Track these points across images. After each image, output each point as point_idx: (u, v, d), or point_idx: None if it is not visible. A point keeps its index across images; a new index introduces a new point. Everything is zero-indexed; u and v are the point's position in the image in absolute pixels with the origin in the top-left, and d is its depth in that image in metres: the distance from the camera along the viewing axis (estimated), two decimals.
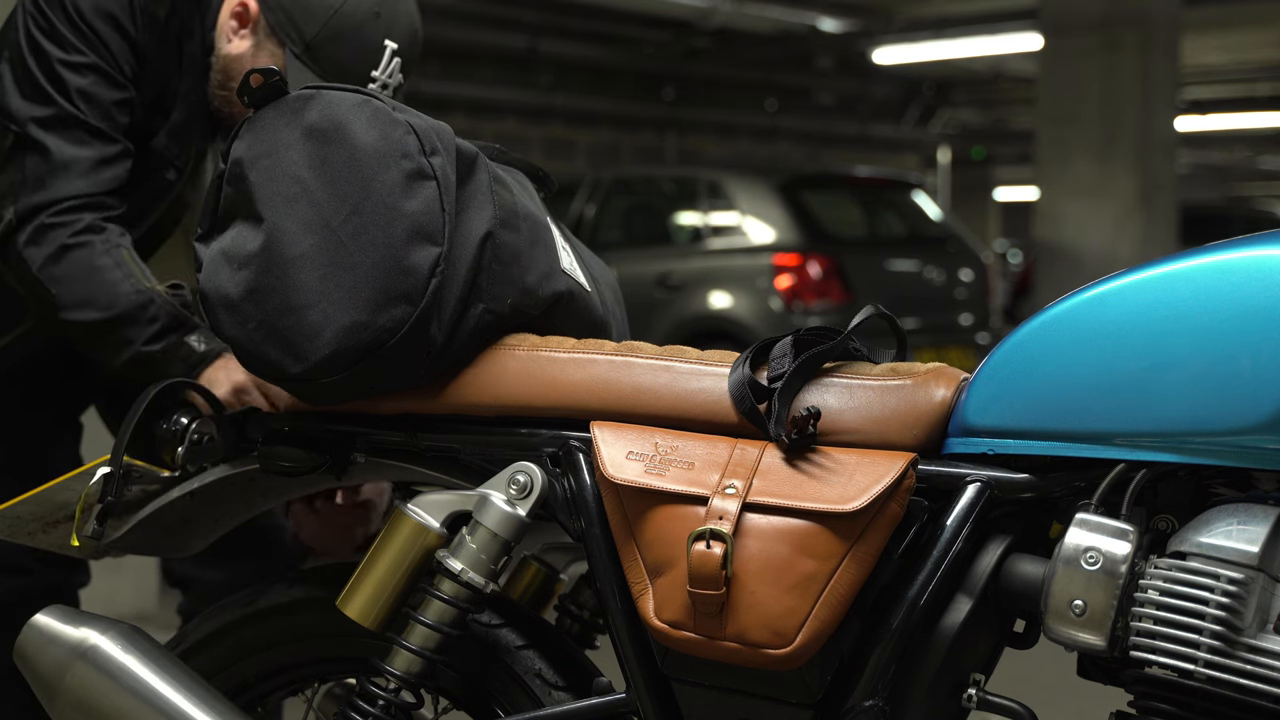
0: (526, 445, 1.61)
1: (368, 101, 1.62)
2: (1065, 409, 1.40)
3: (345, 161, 1.58)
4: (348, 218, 1.56)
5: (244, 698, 1.80)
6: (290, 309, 1.57)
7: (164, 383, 1.84)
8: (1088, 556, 1.34)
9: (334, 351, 1.55)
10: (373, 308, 1.54)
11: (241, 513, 1.89)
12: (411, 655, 1.61)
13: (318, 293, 1.56)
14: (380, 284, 1.54)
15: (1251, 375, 1.31)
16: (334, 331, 1.55)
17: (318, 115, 1.61)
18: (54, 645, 1.67)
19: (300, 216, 1.58)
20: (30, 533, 1.82)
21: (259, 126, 1.64)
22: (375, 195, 1.56)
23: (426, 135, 1.60)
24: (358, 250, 1.55)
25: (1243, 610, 1.29)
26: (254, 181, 1.61)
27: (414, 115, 1.63)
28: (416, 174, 1.57)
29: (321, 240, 1.57)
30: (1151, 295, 1.39)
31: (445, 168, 1.59)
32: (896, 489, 1.41)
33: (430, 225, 1.56)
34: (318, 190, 1.58)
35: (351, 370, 1.56)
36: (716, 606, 1.44)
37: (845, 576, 1.40)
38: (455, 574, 1.59)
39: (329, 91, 1.63)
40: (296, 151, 1.60)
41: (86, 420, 2.43)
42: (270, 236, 1.59)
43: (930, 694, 1.44)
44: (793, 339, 1.54)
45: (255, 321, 1.58)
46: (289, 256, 1.57)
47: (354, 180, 1.57)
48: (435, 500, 1.64)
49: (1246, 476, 1.36)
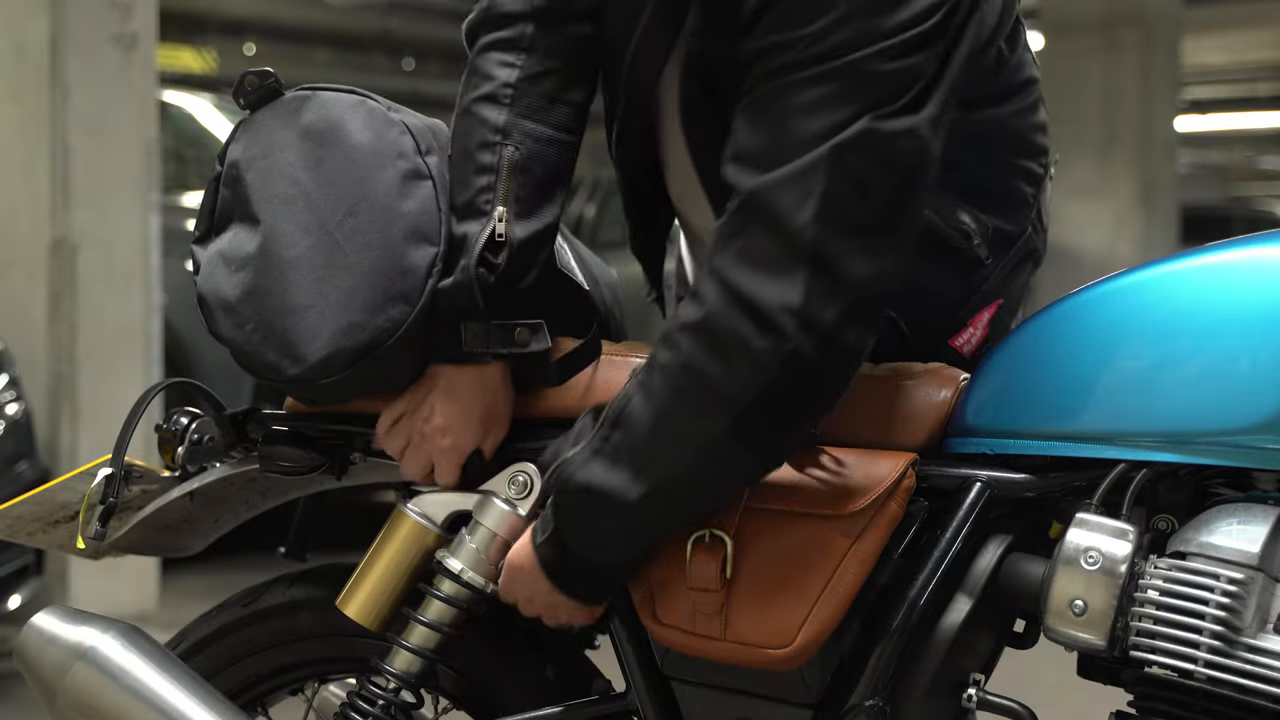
0: (527, 444, 1.61)
1: (363, 101, 1.62)
2: (1065, 409, 1.40)
3: (341, 162, 1.58)
4: (344, 219, 1.56)
5: (244, 698, 1.80)
6: (288, 310, 1.56)
7: (164, 382, 1.84)
8: (1088, 556, 1.34)
9: (331, 352, 1.55)
10: (370, 308, 1.54)
11: (241, 513, 1.89)
12: (411, 655, 1.61)
13: (315, 294, 1.56)
14: (377, 284, 1.54)
15: (1251, 375, 1.31)
16: (331, 332, 1.55)
17: (313, 116, 1.61)
18: (54, 645, 1.67)
19: (297, 218, 1.58)
20: (30, 533, 1.82)
21: (255, 128, 1.64)
22: (371, 196, 1.56)
23: (422, 135, 1.60)
24: (354, 251, 1.55)
25: (1243, 610, 1.29)
26: (250, 183, 1.61)
27: (409, 115, 1.63)
28: (412, 174, 1.57)
29: (318, 241, 1.56)
30: (1151, 295, 1.39)
31: (441, 167, 1.59)
32: (896, 489, 1.41)
33: (427, 225, 1.56)
34: (314, 191, 1.58)
35: (349, 371, 1.55)
36: (716, 607, 1.44)
37: (845, 577, 1.40)
38: (455, 574, 1.58)
39: (324, 92, 1.63)
40: (293, 153, 1.60)
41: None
42: (267, 238, 1.59)
43: (930, 694, 1.44)
44: None
45: (253, 323, 1.58)
46: (286, 258, 1.57)
47: (350, 181, 1.57)
48: (435, 500, 1.64)
49: (1246, 476, 1.36)
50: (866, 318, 1.37)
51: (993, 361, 1.48)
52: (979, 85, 1.53)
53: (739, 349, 1.35)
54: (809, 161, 1.34)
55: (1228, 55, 15.35)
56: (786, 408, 1.38)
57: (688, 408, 1.39)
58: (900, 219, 1.37)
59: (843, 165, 1.33)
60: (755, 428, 1.38)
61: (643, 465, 1.41)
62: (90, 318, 4.59)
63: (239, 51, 14.92)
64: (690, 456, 1.40)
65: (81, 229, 4.58)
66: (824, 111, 1.34)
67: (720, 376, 1.37)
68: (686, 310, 1.40)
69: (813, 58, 1.35)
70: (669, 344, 1.40)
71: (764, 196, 1.36)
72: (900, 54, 1.34)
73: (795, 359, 1.34)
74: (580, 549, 1.47)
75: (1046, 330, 1.45)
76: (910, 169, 1.36)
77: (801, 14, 1.35)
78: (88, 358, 4.57)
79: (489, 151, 1.58)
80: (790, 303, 1.33)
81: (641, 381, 1.42)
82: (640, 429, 1.41)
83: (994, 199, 1.60)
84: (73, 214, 4.57)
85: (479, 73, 1.63)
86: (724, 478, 1.43)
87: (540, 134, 1.60)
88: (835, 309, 1.34)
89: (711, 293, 1.37)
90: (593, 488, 1.42)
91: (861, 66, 1.34)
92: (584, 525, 1.46)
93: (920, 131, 1.35)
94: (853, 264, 1.34)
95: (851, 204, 1.34)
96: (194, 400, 1.83)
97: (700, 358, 1.37)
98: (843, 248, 1.34)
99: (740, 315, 1.35)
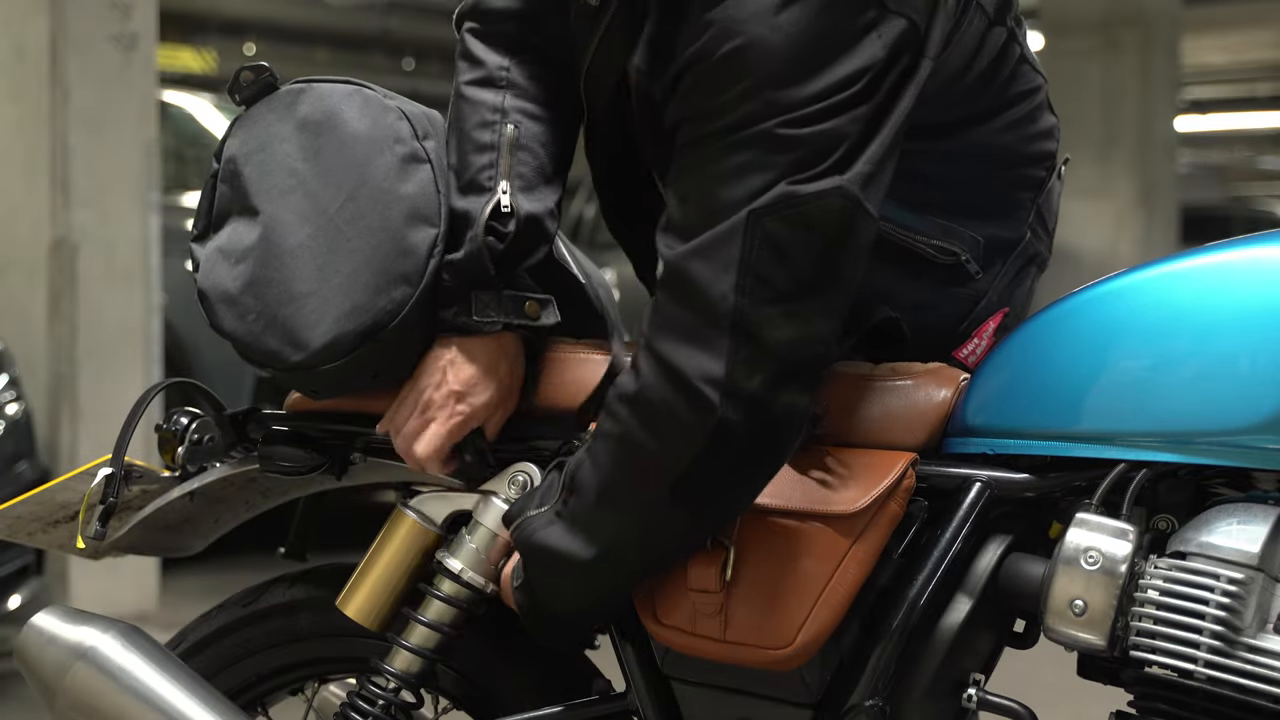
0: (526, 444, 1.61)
1: (359, 90, 1.62)
2: (1065, 409, 1.40)
3: (338, 150, 1.58)
4: (344, 204, 1.57)
5: (244, 698, 1.80)
6: (290, 298, 1.57)
7: (164, 382, 1.84)
8: (1088, 556, 1.34)
9: (335, 337, 1.55)
10: (372, 290, 1.54)
11: (241, 513, 1.89)
12: (411, 655, 1.61)
13: (316, 280, 1.56)
14: (379, 266, 1.55)
15: (1251, 375, 1.31)
16: (334, 317, 1.55)
17: (309, 107, 1.61)
18: (54, 645, 1.67)
19: (296, 207, 1.58)
20: (30, 533, 1.83)
21: (251, 123, 1.64)
22: (371, 181, 1.57)
23: (419, 120, 1.61)
24: (355, 236, 1.56)
25: (1243, 610, 1.29)
26: (248, 177, 1.62)
27: (406, 102, 1.64)
28: (410, 158, 1.58)
29: (318, 228, 1.57)
30: (1151, 295, 1.39)
31: (439, 151, 1.60)
32: (896, 489, 1.41)
33: (426, 207, 1.56)
34: (312, 180, 1.58)
35: (352, 355, 1.55)
36: (716, 607, 1.44)
37: (845, 577, 1.40)
38: (455, 574, 1.58)
39: (320, 84, 1.64)
40: (290, 144, 1.61)
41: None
42: (267, 228, 1.59)
43: (930, 694, 1.44)
44: None
45: (255, 313, 1.58)
46: (287, 246, 1.57)
47: (349, 167, 1.58)
48: (435, 500, 1.64)
49: (1246, 476, 1.36)
50: (799, 381, 1.37)
51: (992, 361, 1.48)
52: (957, 109, 1.53)
53: (669, 421, 1.37)
54: (726, 229, 1.34)
55: (1227, 55, 15.35)
56: (721, 476, 1.39)
57: (627, 476, 1.42)
58: (827, 279, 1.36)
59: (761, 230, 1.33)
60: (692, 496, 1.40)
61: (594, 530, 1.44)
62: (90, 318, 4.59)
63: (239, 51, 14.91)
64: (633, 523, 1.43)
65: (81, 229, 4.58)
66: (742, 179, 1.34)
67: (655, 448, 1.39)
68: (624, 381, 1.43)
69: (726, 127, 1.35)
70: (610, 413, 1.43)
71: (684, 266, 1.37)
72: (816, 120, 1.33)
73: (722, 429, 1.35)
74: (547, 600, 1.50)
75: (1046, 330, 1.45)
76: (836, 228, 1.34)
77: (714, 84, 1.35)
78: (88, 358, 4.57)
79: (488, 130, 1.59)
80: (713, 374, 1.35)
81: (590, 448, 1.45)
82: (589, 495, 1.44)
83: (987, 210, 1.59)
84: (73, 214, 4.57)
85: (470, 57, 1.65)
86: (667, 542, 1.45)
87: (537, 113, 1.61)
88: (760, 377, 1.35)
89: (644, 365, 1.40)
90: (550, 549, 1.46)
91: (776, 132, 1.33)
92: (546, 581, 1.49)
93: (847, 190, 1.34)
94: (775, 330, 1.34)
95: (771, 269, 1.33)
96: (194, 400, 1.83)
97: (635, 429, 1.40)
98: (763, 315, 1.34)
99: (669, 388, 1.37)
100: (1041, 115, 1.62)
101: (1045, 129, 1.63)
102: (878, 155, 1.35)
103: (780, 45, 1.33)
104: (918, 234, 1.54)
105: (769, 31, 1.33)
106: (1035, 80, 1.61)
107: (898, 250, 1.53)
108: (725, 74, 1.35)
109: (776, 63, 1.33)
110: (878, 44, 1.34)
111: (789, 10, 1.33)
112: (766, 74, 1.33)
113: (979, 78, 1.52)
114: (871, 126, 1.35)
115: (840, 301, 1.38)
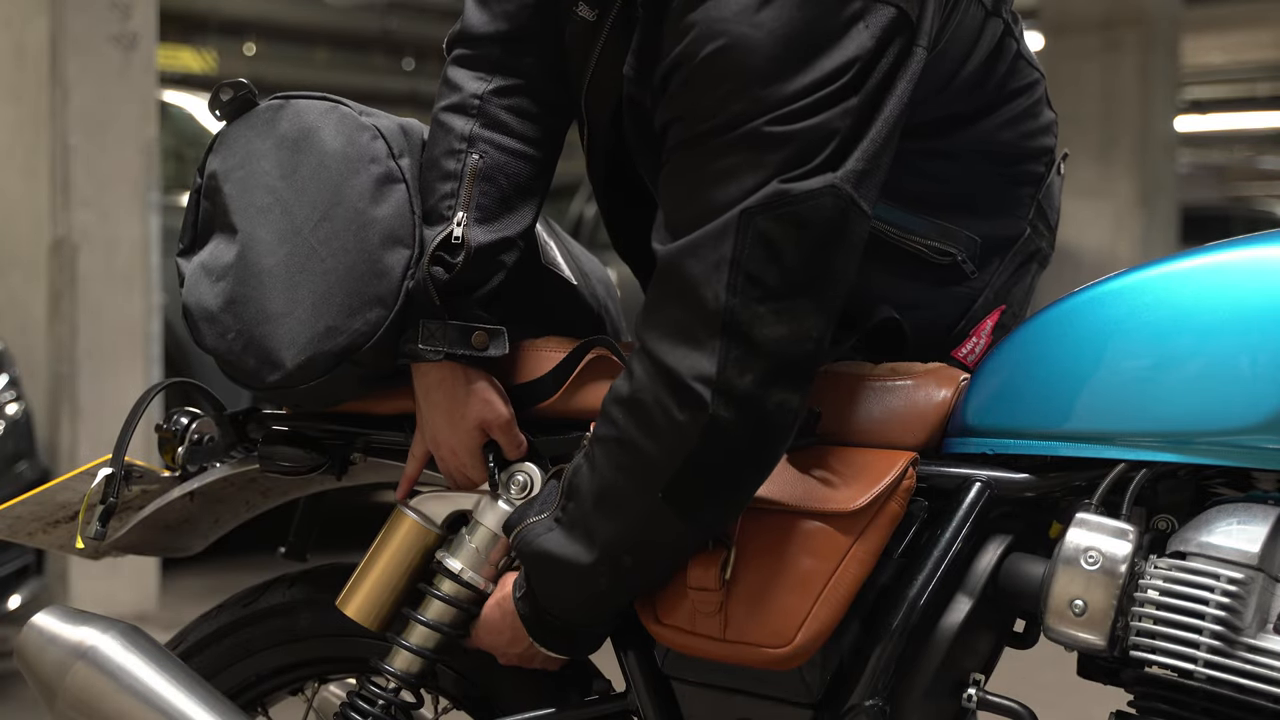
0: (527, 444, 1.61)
1: (335, 108, 1.63)
2: (1065, 409, 1.40)
3: (314, 169, 1.60)
4: (318, 224, 1.58)
5: (244, 698, 1.80)
6: (266, 317, 1.58)
7: (164, 382, 1.84)
8: (1088, 556, 1.34)
9: (309, 358, 1.56)
10: (347, 312, 1.55)
11: (241, 513, 1.89)
12: (411, 655, 1.61)
13: (291, 300, 1.57)
14: (353, 288, 1.55)
15: (1251, 375, 1.31)
16: (308, 337, 1.56)
17: (287, 125, 1.63)
18: (54, 645, 1.67)
19: (273, 226, 1.60)
20: (30, 533, 1.83)
21: (232, 139, 1.66)
22: (345, 201, 1.57)
23: (394, 137, 1.61)
24: (329, 256, 1.56)
25: (1242, 610, 1.29)
26: (228, 194, 1.63)
27: (382, 117, 1.64)
28: (385, 178, 1.58)
29: (294, 248, 1.58)
30: (1151, 295, 1.39)
31: (414, 169, 1.60)
32: (896, 489, 1.41)
33: (401, 228, 1.57)
34: (289, 199, 1.60)
35: (328, 375, 1.56)
36: (716, 607, 1.44)
37: (845, 576, 1.40)
38: (455, 574, 1.59)
39: (298, 100, 1.65)
40: (268, 162, 1.62)
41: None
42: (245, 247, 1.60)
43: (930, 694, 1.44)
44: None
45: (234, 332, 1.60)
46: (263, 266, 1.59)
47: (324, 187, 1.59)
48: (435, 500, 1.64)
49: (1246, 476, 1.36)
50: (791, 379, 1.37)
51: (993, 361, 1.48)
52: (956, 105, 1.52)
53: (663, 421, 1.37)
54: (718, 227, 1.34)
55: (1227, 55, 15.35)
56: (715, 476, 1.39)
57: (623, 479, 1.41)
58: (819, 278, 1.36)
59: (753, 229, 1.33)
60: (687, 497, 1.39)
61: (593, 534, 1.43)
62: (90, 318, 4.59)
63: (239, 51, 14.93)
64: (630, 526, 1.42)
65: (81, 229, 4.58)
66: (734, 178, 1.33)
67: (649, 448, 1.39)
68: (619, 384, 1.42)
69: (715, 128, 1.34)
70: (606, 417, 1.43)
71: (677, 264, 1.36)
72: (805, 115, 1.32)
73: (715, 428, 1.35)
74: (551, 608, 1.49)
75: (1046, 330, 1.45)
76: (829, 227, 1.34)
77: (701, 85, 1.35)
78: (88, 358, 4.57)
79: (454, 159, 1.58)
80: (705, 372, 1.34)
81: (587, 453, 1.45)
82: (586, 500, 1.44)
83: (986, 207, 1.59)
84: (73, 214, 4.57)
85: (450, 83, 1.64)
86: (664, 545, 1.44)
87: (506, 145, 1.60)
88: (752, 375, 1.34)
89: (638, 366, 1.40)
90: (551, 556, 1.46)
91: (765, 130, 1.32)
92: (548, 589, 1.48)
93: (840, 189, 1.33)
94: (767, 329, 1.34)
95: (763, 268, 1.33)
96: (194, 400, 1.83)
97: (630, 431, 1.39)
98: (755, 313, 1.33)
99: (662, 388, 1.37)
100: (1040, 110, 1.62)
101: (1044, 124, 1.63)
102: (871, 151, 1.35)
103: (764, 42, 1.32)
104: (914, 235, 1.54)
105: (751, 29, 1.32)
106: (1033, 75, 1.61)
107: (894, 251, 1.53)
108: (711, 74, 1.34)
109: (761, 60, 1.33)
110: (865, 34, 1.34)
111: (770, 7, 1.32)
112: (752, 72, 1.33)
113: (977, 71, 1.52)
114: (863, 120, 1.35)
115: (832, 299, 1.38)
